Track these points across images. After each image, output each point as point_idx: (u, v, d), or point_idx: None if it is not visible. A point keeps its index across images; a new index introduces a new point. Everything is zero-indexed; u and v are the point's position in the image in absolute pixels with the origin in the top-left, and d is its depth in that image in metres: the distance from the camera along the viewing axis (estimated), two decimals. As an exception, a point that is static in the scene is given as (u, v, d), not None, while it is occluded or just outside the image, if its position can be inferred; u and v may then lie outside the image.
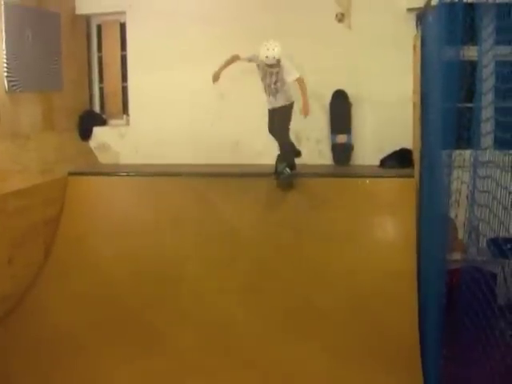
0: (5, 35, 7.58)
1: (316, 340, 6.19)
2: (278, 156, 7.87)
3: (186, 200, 8.05)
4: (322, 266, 7.10)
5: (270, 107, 7.71)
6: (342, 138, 8.70)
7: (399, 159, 8.23)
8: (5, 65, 7.61)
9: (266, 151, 8.41)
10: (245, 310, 6.75)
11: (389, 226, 7.53)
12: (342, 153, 8.75)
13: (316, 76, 8.20)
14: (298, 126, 8.02)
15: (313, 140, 8.81)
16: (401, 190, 7.52)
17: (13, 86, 7.74)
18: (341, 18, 8.24)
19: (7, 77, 7.65)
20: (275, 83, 7.46)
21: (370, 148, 8.62)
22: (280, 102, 7.59)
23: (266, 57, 7.18)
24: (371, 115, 8.59)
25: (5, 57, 7.61)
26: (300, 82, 7.40)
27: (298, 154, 8.00)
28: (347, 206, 7.57)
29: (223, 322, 6.61)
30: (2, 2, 7.52)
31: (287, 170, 7.72)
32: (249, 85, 7.99)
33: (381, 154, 8.44)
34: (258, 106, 7.83)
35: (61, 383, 5.84)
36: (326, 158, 8.87)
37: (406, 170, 7.70)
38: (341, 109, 8.66)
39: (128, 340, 6.39)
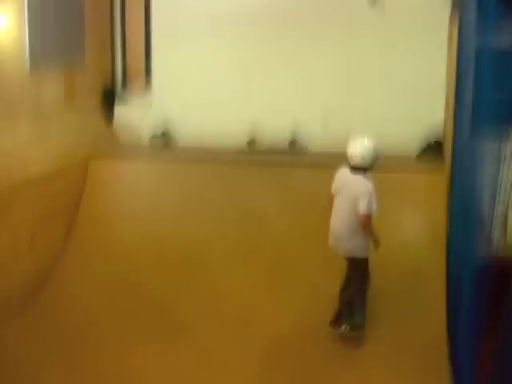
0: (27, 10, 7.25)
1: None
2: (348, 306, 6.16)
3: (210, 186, 7.91)
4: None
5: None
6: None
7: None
8: (27, 40, 7.25)
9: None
10: (269, 297, 6.69)
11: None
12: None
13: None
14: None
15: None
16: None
17: (35, 62, 7.39)
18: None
19: (30, 52, 7.29)
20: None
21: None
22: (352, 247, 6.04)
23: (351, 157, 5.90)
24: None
25: (27, 31, 7.23)
26: (361, 222, 5.84)
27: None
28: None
29: (246, 309, 6.61)
30: (24, -26, 7.18)
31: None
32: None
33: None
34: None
35: (86, 369, 5.89)
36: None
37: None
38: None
39: (151, 325, 6.46)
